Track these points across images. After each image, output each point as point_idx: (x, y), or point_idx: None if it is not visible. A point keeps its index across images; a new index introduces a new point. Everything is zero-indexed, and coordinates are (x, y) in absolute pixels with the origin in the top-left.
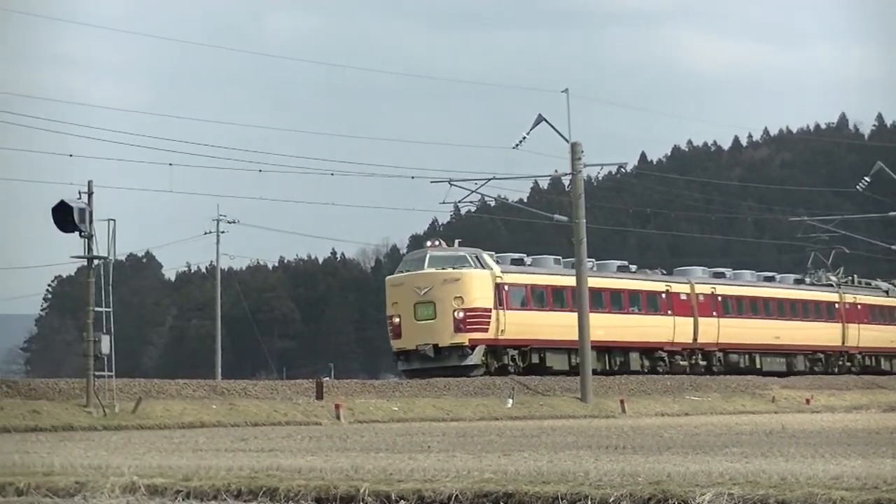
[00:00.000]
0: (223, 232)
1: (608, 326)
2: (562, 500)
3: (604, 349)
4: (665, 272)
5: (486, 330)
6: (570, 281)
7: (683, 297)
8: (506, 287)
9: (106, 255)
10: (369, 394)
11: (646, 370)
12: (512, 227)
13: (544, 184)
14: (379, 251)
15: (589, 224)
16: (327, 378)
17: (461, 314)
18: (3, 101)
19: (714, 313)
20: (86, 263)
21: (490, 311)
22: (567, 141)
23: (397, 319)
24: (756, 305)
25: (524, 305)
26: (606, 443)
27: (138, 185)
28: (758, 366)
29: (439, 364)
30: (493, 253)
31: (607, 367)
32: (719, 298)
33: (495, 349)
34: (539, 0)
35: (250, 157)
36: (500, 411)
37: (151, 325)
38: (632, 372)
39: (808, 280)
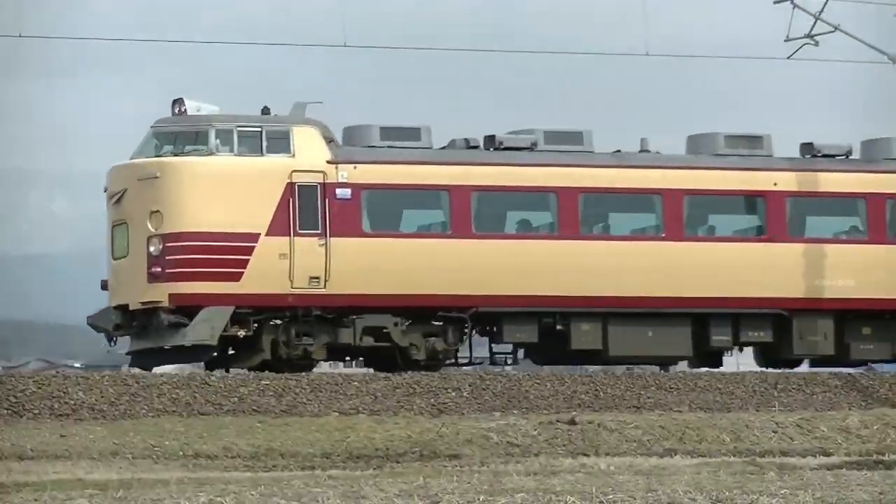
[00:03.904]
0: None
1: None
2: None
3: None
4: None
5: (232, 277)
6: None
7: None
8: (342, 191)
9: None
10: None
11: None
12: None
13: None
14: None
15: None
16: None
17: (158, 246)
18: None
19: None
20: None
21: (255, 238)
22: None
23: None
24: None
25: (408, 229)
26: None
27: None
28: None
29: (143, 344)
30: (321, 125)
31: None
32: None
33: (300, 316)
34: None
35: None
36: None
37: None
38: None
39: None
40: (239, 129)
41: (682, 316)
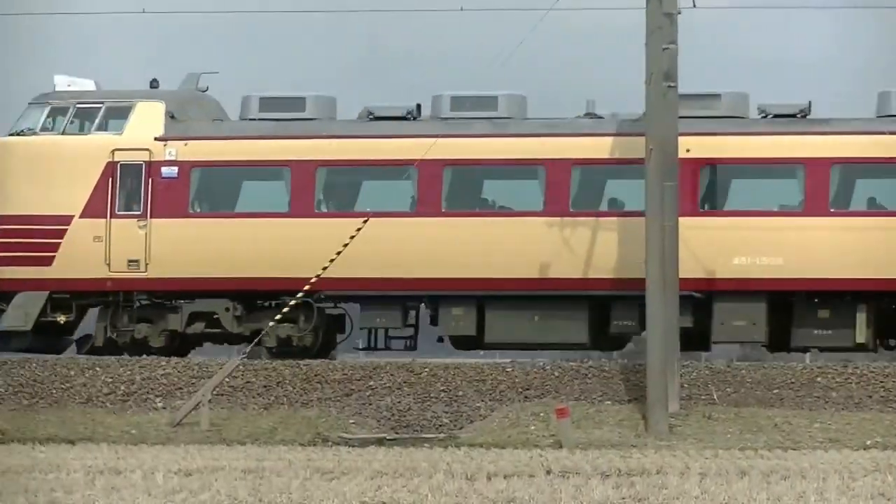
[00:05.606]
0: None
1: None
2: None
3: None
4: None
5: (43, 261)
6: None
7: None
8: (167, 170)
9: None
10: None
11: None
12: None
13: None
14: None
15: None
16: None
17: None
18: None
19: None
20: None
21: (67, 221)
22: None
23: None
24: None
25: (244, 209)
26: None
27: None
28: None
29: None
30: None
31: None
32: None
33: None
34: None
35: None
36: None
37: None
38: None
39: None
40: (79, 105)
41: (575, 299)
